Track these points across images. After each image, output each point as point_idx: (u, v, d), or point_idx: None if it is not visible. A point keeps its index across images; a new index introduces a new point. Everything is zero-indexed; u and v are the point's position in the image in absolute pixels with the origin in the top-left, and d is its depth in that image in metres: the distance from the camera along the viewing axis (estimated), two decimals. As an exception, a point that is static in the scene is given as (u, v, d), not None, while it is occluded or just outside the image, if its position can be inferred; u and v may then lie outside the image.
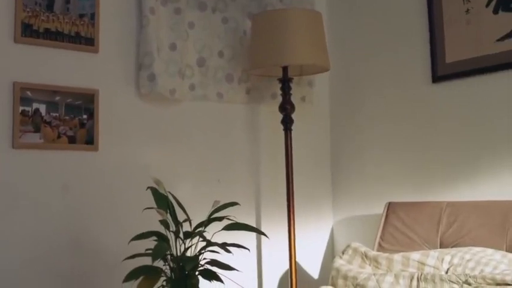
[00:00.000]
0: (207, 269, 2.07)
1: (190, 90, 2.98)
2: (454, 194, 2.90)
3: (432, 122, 3.04)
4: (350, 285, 2.63)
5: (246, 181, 3.18)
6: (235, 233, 2.27)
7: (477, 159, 2.85)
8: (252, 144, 3.21)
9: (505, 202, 2.65)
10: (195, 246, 2.11)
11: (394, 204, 3.02)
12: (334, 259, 2.79)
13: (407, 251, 2.78)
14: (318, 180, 3.46)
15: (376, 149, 3.28)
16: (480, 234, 2.66)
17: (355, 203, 3.38)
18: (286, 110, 3.01)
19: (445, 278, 2.39)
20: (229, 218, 2.14)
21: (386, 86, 3.25)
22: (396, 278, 2.52)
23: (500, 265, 2.40)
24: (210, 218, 2.12)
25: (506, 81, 2.77)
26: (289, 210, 2.98)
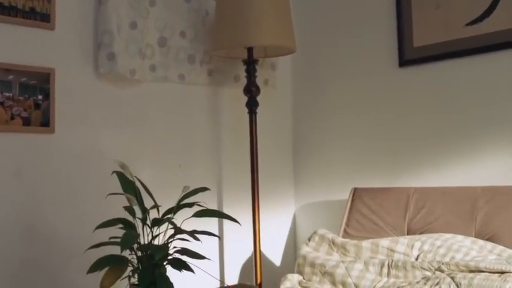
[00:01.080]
0: (177, 258, 1.97)
1: (150, 71, 2.84)
2: (421, 180, 2.86)
3: (399, 107, 2.99)
4: (318, 273, 2.56)
5: (208, 166, 3.08)
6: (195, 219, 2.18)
7: (445, 144, 2.82)
8: (214, 128, 3.11)
9: (473, 188, 2.62)
10: (163, 234, 2.00)
11: (360, 190, 2.96)
12: (301, 246, 2.71)
13: (373, 237, 2.73)
14: (280, 166, 3.38)
15: (341, 135, 3.22)
16: (449, 221, 2.63)
17: (318, 189, 3.32)
18: (251, 92, 2.91)
19: (417, 265, 2.35)
20: (200, 204, 2.03)
21: (351, 70, 3.19)
22: (366, 265, 2.47)
23: (471, 251, 2.37)
24: (180, 204, 2.01)
25: (475, 66, 2.74)
26: (254, 196, 2.89)
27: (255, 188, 2.90)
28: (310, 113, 3.36)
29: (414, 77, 2.94)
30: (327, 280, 2.52)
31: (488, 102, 2.69)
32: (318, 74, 3.33)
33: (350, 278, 2.45)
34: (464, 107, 2.76)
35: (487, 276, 2.12)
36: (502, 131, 2.64)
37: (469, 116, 2.75)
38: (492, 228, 2.49)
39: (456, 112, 2.79)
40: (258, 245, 2.88)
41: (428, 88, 2.89)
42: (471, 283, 2.10)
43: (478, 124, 2.71)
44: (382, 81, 3.05)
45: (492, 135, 2.67)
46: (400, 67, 2.98)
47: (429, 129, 2.88)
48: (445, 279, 2.19)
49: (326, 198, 3.27)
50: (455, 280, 2.15)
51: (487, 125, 2.69)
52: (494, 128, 2.66)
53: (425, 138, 2.89)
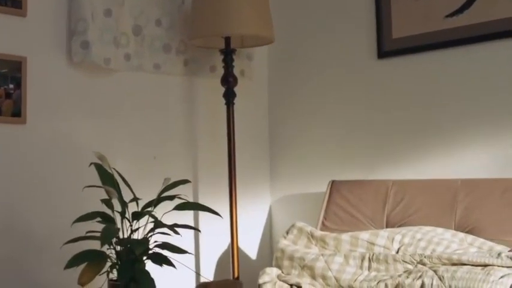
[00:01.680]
0: (157, 253, 1.91)
1: (125, 60, 2.76)
2: (400, 173, 2.85)
3: (378, 99, 2.97)
4: (297, 267, 2.53)
5: (184, 157, 3.01)
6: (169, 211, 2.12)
7: (424, 137, 2.80)
8: (190, 119, 3.05)
9: (453, 181, 2.61)
10: (143, 227, 1.94)
11: (338, 183, 2.93)
12: (279, 239, 2.67)
13: (352, 230, 2.71)
14: (256, 158, 3.34)
15: (318, 127, 3.19)
16: (428, 213, 2.61)
17: (294, 181, 3.28)
18: (229, 83, 2.86)
19: (399, 259, 2.33)
20: (181, 197, 1.97)
21: (329, 61, 3.15)
22: (346, 258, 2.44)
23: (452, 244, 2.36)
24: (161, 196, 1.95)
25: (454, 58, 2.72)
26: (231, 189, 2.85)
27: (232, 180, 2.85)
28: (286, 105, 3.32)
29: (393, 68, 2.91)
30: (307, 273, 2.48)
31: (468, 94, 2.68)
32: (295, 66, 3.29)
33: (330, 271, 2.42)
34: (444, 99, 2.75)
35: (470, 269, 2.10)
36: (482, 124, 2.63)
37: (448, 109, 2.74)
38: (472, 221, 2.48)
39: (436, 104, 2.78)
40: (235, 239, 2.84)
41: (406, 79, 2.87)
42: (454, 276, 2.09)
43: (458, 117, 2.70)
44: (361, 73, 3.03)
45: (472, 128, 2.66)
46: (379, 59, 2.95)
47: (408, 122, 2.86)
48: (428, 272, 2.17)
49: (302, 190, 3.23)
50: (438, 273, 2.14)
51: (466, 118, 2.68)
52: (474, 121, 2.65)
53: (405, 130, 2.87)
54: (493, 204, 2.46)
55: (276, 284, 2.50)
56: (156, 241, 1.93)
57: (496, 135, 2.59)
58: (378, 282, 2.28)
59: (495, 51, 2.60)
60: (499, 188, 2.47)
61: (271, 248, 3.35)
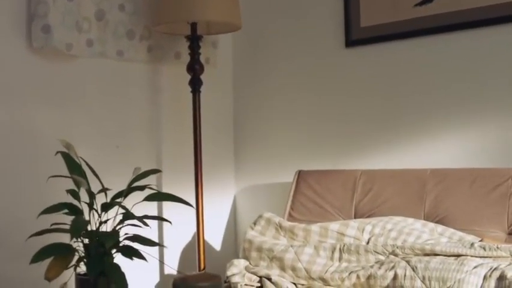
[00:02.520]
0: (127, 246, 1.83)
1: (87, 46, 2.67)
2: (369, 163, 2.82)
3: (346, 88, 2.93)
4: (265, 258, 2.48)
5: (147, 147, 2.93)
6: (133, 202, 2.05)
7: (393, 127, 2.78)
8: (154, 107, 2.97)
9: (422, 171, 2.60)
10: (113, 219, 1.87)
11: (305, 173, 2.90)
12: (246, 230, 2.62)
13: (320, 221, 2.68)
14: (220, 147, 3.27)
15: (285, 116, 3.14)
16: (397, 203, 2.60)
17: (259, 171, 3.23)
18: (195, 70, 2.79)
19: (370, 249, 2.30)
20: (152, 187, 1.90)
21: (296, 49, 3.10)
22: (316, 249, 2.40)
23: (423, 234, 2.35)
24: (131, 187, 1.87)
25: (423, 47, 2.70)
26: (197, 179, 2.78)
27: (198, 170, 2.79)
28: (252, 94, 3.26)
29: (361, 57, 2.88)
30: (276, 265, 2.44)
31: (437, 84, 2.66)
32: (260, 54, 3.23)
33: (300, 262, 2.39)
34: (413, 88, 2.73)
35: (443, 260, 2.09)
36: (451, 114, 2.62)
37: (417, 98, 2.72)
38: (441, 211, 2.48)
39: (405, 94, 2.75)
40: (201, 230, 2.78)
41: (375, 69, 2.84)
42: (427, 267, 2.07)
43: (426, 106, 2.69)
44: (328, 62, 2.99)
45: (441, 118, 2.65)
46: (347, 47, 2.92)
47: (376, 111, 2.83)
48: (400, 263, 2.15)
49: (268, 181, 3.19)
50: (411, 264, 2.12)
51: (435, 108, 2.66)
52: (443, 111, 2.64)
53: (373, 120, 2.84)
54: (462, 194, 2.45)
55: (245, 276, 2.45)
56: (127, 233, 1.85)
57: (465, 125, 2.58)
58: (349, 273, 2.26)
59: (464, 41, 2.59)
60: (468, 178, 2.46)
61: (235, 239, 3.30)
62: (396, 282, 2.11)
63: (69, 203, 1.84)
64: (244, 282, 2.39)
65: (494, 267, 1.99)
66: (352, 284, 2.23)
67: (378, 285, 2.16)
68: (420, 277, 2.06)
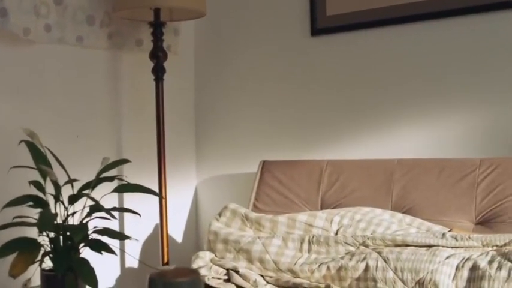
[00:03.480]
0: (97, 240, 1.76)
1: (45, 31, 2.55)
2: (335, 153, 2.80)
3: (311, 78, 2.89)
4: (232, 250, 2.43)
5: (108, 136, 2.84)
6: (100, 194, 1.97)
7: (359, 117, 2.76)
8: (115, 96, 2.87)
9: (389, 161, 2.58)
10: (81, 212, 1.78)
11: (269, 163, 2.85)
12: (211, 222, 2.57)
13: (285, 212, 2.65)
14: (181, 137, 3.20)
15: (248, 106, 3.08)
16: (364, 194, 2.58)
17: (222, 161, 3.18)
18: (158, 58, 2.70)
19: (340, 240, 2.27)
20: (121, 178, 1.83)
21: (260, 37, 3.04)
22: (285, 241, 2.37)
23: (392, 225, 2.34)
24: (100, 177, 1.79)
25: (389, 37, 2.69)
26: (160, 169, 2.71)
27: (161, 160, 2.71)
28: (214, 83, 3.19)
29: (327, 46, 2.85)
30: (243, 257, 2.40)
31: (404, 74, 2.65)
32: (223, 42, 3.17)
33: (268, 254, 2.35)
34: (380, 78, 2.71)
35: (415, 251, 2.08)
36: (417, 104, 2.61)
37: (383, 88, 2.70)
38: (409, 202, 2.46)
39: (371, 84, 2.73)
40: (165, 222, 2.71)
41: (341, 58, 2.81)
42: (399, 257, 2.06)
43: (393, 96, 2.67)
44: (293, 51, 2.94)
45: (408, 108, 2.63)
46: (312, 36, 2.88)
47: (342, 101, 2.81)
48: (371, 254, 2.13)
49: (231, 171, 3.14)
50: (382, 255, 2.10)
51: (401, 98, 2.65)
52: (409, 101, 2.63)
53: (338, 110, 2.82)
54: (430, 185, 2.44)
55: (212, 269, 2.40)
56: (96, 226, 1.77)
57: (432, 115, 2.58)
58: (319, 265, 2.23)
59: (429, 32, 2.58)
60: (435, 168, 2.46)
61: (197, 231, 3.24)
62: (368, 273, 2.09)
63: (34, 195, 1.75)
64: (211, 275, 2.33)
65: (467, 257, 1.98)
66: (322, 275, 2.20)
67: (348, 276, 2.13)
68: (392, 268, 2.04)
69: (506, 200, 2.27)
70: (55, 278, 1.68)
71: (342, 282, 2.15)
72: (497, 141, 2.44)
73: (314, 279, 2.23)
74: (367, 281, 2.09)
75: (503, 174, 2.31)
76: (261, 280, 2.31)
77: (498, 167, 2.33)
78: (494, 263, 1.91)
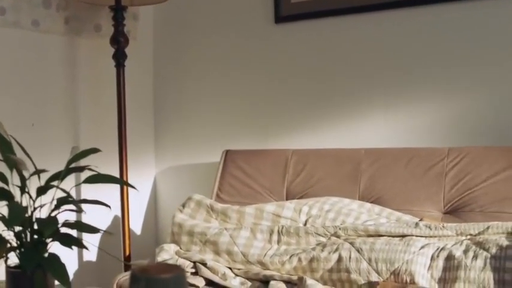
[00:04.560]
0: (67, 234, 1.66)
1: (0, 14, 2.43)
2: (300, 142, 2.76)
3: (275, 66, 2.84)
4: (198, 242, 2.37)
5: (65, 125, 2.72)
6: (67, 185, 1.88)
7: (324, 106, 2.73)
8: (72, 83, 2.75)
9: (356, 150, 2.56)
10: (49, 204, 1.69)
11: (233, 153, 2.80)
12: (175, 213, 2.49)
13: (250, 202, 2.60)
14: (139, 125, 3.10)
15: (209, 94, 3.01)
16: (331, 184, 2.55)
17: (182, 150, 3.10)
18: (119, 43, 2.61)
19: (311, 231, 2.24)
20: (92, 168, 1.74)
21: (222, 24, 2.97)
22: (253, 232, 2.32)
23: (362, 215, 2.31)
24: (69, 168, 1.70)
25: (355, 25, 2.66)
26: (122, 159, 2.61)
27: (122, 149, 2.62)
28: (174, 70, 3.11)
29: (291, 34, 2.80)
30: (209, 249, 2.34)
31: (369, 63, 2.63)
32: (184, 28, 3.08)
33: (236, 246, 2.29)
34: (344, 67, 2.68)
35: (388, 241, 2.06)
36: (384, 94, 2.59)
37: (349, 77, 2.67)
38: (377, 191, 2.45)
39: (335, 73, 2.70)
40: (126, 214, 2.62)
41: (305, 47, 2.77)
42: (373, 248, 2.03)
43: (359, 86, 2.65)
44: (256, 38, 2.88)
45: (374, 98, 2.62)
46: (276, 23, 2.82)
47: (307, 90, 2.76)
48: (344, 245, 2.10)
49: (191, 161, 3.06)
50: (355, 245, 2.08)
51: (368, 87, 2.63)
52: (376, 90, 2.61)
53: (303, 99, 2.77)
54: (398, 174, 2.43)
55: (178, 262, 2.33)
56: (68, 220, 1.68)
57: (399, 104, 2.56)
58: (290, 256, 2.19)
59: (397, 21, 2.56)
60: (403, 158, 2.44)
61: (156, 222, 3.16)
62: (341, 264, 2.06)
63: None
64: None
65: (441, 247, 1.98)
66: (293, 267, 2.17)
67: (321, 268, 2.10)
68: (366, 259, 2.02)
69: (475, 189, 2.27)
70: (23, 275, 1.59)
71: (314, 274, 2.12)
72: (465, 131, 2.44)
73: (285, 271, 2.19)
74: (341, 272, 2.06)
75: (471, 164, 2.32)
76: (230, 273, 2.26)
77: (466, 156, 2.33)
78: (470, 252, 1.90)
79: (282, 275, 2.15)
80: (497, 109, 2.38)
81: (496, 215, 2.19)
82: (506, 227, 1.97)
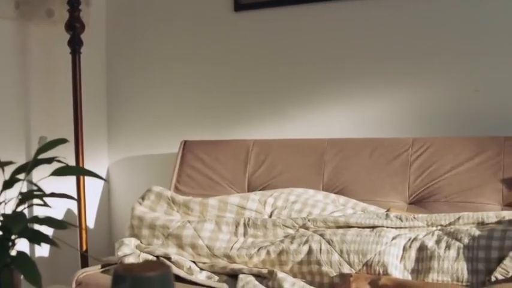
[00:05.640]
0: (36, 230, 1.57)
1: None
2: (261, 133, 2.70)
3: (234, 55, 2.78)
4: (160, 236, 2.30)
5: (14, 114, 2.60)
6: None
7: (286, 95, 2.68)
8: (23, 70, 2.63)
9: (319, 141, 2.53)
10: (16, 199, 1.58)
11: (191, 143, 2.73)
12: (134, 205, 2.41)
13: (210, 194, 2.55)
14: (92, 116, 2.98)
15: (166, 83, 2.93)
16: (294, 175, 2.52)
17: (136, 141, 3.00)
18: (75, 29, 2.50)
19: (279, 223, 2.19)
20: (60, 159, 1.64)
21: (179, 11, 2.88)
22: (218, 224, 2.26)
23: (328, 206, 2.29)
24: (38, 159, 1.60)
25: (316, 14, 2.62)
26: (78, 150, 2.52)
27: (79, 140, 2.52)
28: (128, 58, 3.01)
29: (251, 22, 2.74)
30: (172, 243, 2.27)
31: (330, 52, 2.60)
32: (138, 15, 2.98)
33: (201, 239, 2.23)
34: (305, 56, 2.64)
35: (359, 232, 2.04)
36: (347, 83, 2.57)
37: (311, 67, 2.64)
38: (341, 182, 2.43)
39: (296, 62, 2.66)
40: (83, 207, 2.52)
41: (266, 35, 2.72)
42: (344, 239, 2.01)
43: (322, 75, 2.61)
44: (215, 26, 2.82)
45: (337, 87, 2.59)
46: (236, 11, 2.76)
47: (268, 79, 2.72)
48: (314, 237, 2.07)
49: (147, 152, 2.97)
50: (325, 237, 2.04)
51: (331, 77, 2.60)
52: (338, 80, 2.58)
53: (265, 88, 2.72)
54: (362, 164, 2.42)
55: (140, 257, 2.26)
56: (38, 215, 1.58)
57: (363, 95, 2.55)
58: (257, 249, 2.14)
59: (356, 9, 2.54)
60: (368, 148, 2.43)
61: (109, 216, 3.05)
62: (311, 256, 2.02)
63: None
64: (140, 263, 2.19)
65: (413, 237, 1.97)
66: (261, 260, 2.12)
67: (290, 260, 2.06)
68: (337, 251, 1.99)
69: (440, 179, 2.28)
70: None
71: (283, 267, 2.08)
72: (429, 121, 2.45)
73: (252, 264, 2.14)
74: (311, 264, 2.02)
75: (436, 154, 2.32)
76: (195, 267, 2.20)
77: (431, 146, 2.34)
78: (442, 242, 1.90)
79: (251, 269, 2.10)
80: (460, 100, 2.39)
81: (460, 204, 2.21)
82: (477, 217, 1.98)
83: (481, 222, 1.97)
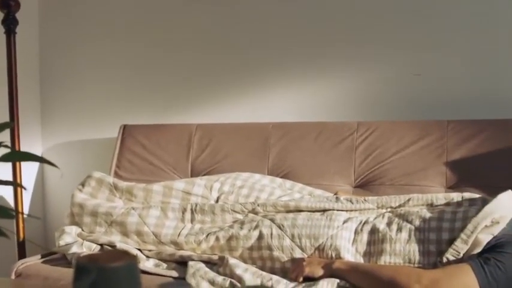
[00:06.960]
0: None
1: None
2: (204, 117, 2.66)
3: (175, 37, 2.72)
4: (103, 223, 2.23)
5: None
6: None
7: (230, 79, 2.65)
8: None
9: (264, 124, 2.51)
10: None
11: (131, 127, 2.66)
12: (73, 192, 2.33)
13: (152, 179, 2.49)
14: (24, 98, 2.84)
15: (103, 66, 2.83)
16: (238, 159, 2.49)
17: (72, 125, 2.90)
18: (10, 7, 2.38)
19: (227, 208, 2.16)
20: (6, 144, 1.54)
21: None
22: (163, 211, 2.21)
23: (275, 191, 2.27)
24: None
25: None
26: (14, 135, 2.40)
27: (15, 124, 2.40)
28: (62, 38, 2.89)
29: (194, 4, 2.68)
30: (116, 230, 2.21)
31: (274, 35, 2.58)
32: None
33: (147, 226, 2.18)
34: (250, 39, 2.61)
35: (310, 216, 2.02)
36: (291, 67, 2.55)
37: (255, 50, 2.61)
38: (286, 166, 2.42)
39: (240, 45, 2.63)
40: (20, 195, 2.41)
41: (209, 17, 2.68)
42: (295, 224, 1.99)
43: (265, 58, 2.59)
44: (157, 7, 2.74)
45: (281, 71, 2.57)
46: (177, -7, 2.70)
47: (211, 62, 2.67)
48: (264, 222, 2.05)
49: (83, 136, 2.87)
50: (276, 222, 2.03)
51: (276, 61, 2.58)
52: (283, 64, 2.57)
53: (207, 72, 2.68)
54: (307, 148, 2.41)
55: (83, 245, 2.18)
56: (-16, 205, 1.49)
57: (307, 78, 2.54)
58: (206, 235, 2.11)
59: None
60: (313, 132, 2.43)
61: (43, 203, 2.94)
62: (262, 242, 2.00)
63: None
64: (84, 252, 2.11)
65: (364, 220, 1.97)
66: (210, 246, 2.09)
67: (240, 246, 2.04)
68: (289, 235, 1.98)
69: (385, 162, 2.31)
70: None
71: (233, 253, 2.05)
72: (373, 106, 2.46)
73: (201, 250, 2.10)
74: (262, 249, 2.00)
75: (381, 138, 2.34)
76: (141, 255, 2.14)
77: (376, 130, 2.36)
78: (393, 225, 1.91)
79: (201, 255, 2.06)
80: (402, 84, 2.42)
81: (406, 187, 2.24)
82: (427, 199, 2.00)
83: (430, 203, 2.00)
